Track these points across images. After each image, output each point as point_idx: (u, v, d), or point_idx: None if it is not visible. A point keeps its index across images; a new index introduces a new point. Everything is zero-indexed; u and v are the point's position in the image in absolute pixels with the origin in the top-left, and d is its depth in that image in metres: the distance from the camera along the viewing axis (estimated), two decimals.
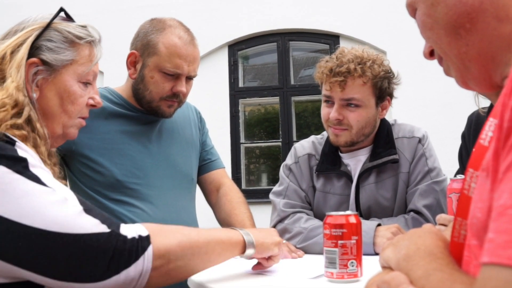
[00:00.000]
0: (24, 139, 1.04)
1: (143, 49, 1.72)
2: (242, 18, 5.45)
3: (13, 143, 0.99)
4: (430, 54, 0.76)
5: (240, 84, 5.64)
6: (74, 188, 1.74)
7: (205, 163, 1.98)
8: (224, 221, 1.88)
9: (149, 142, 1.79)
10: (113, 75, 5.37)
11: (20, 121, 1.05)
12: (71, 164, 1.72)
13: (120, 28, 5.50)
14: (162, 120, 1.84)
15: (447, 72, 0.73)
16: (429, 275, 0.58)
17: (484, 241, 0.46)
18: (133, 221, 1.67)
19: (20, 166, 0.95)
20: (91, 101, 1.24)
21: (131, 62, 1.76)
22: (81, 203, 0.99)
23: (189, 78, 1.76)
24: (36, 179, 0.95)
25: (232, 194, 1.91)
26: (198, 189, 2.00)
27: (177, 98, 1.74)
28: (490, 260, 0.44)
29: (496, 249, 0.43)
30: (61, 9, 1.21)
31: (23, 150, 1.00)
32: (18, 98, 1.07)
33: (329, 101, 1.77)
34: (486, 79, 0.67)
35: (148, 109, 1.77)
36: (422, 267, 0.60)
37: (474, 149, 0.63)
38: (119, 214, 1.67)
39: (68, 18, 1.23)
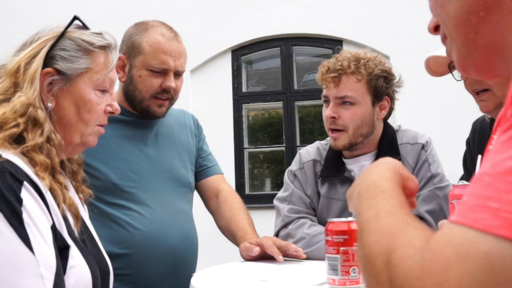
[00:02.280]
0: (37, 152, 1.03)
1: (129, 52, 1.76)
2: (245, 23, 5.45)
3: (20, 181, 0.96)
4: (435, 29, 0.73)
5: (244, 89, 5.64)
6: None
7: (202, 169, 1.98)
8: (225, 228, 1.87)
9: (145, 146, 1.80)
10: (118, 80, 5.39)
11: (41, 139, 1.05)
12: None
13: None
14: (158, 125, 1.86)
15: (449, 53, 0.70)
16: (380, 217, 0.57)
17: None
18: (131, 225, 1.68)
19: (16, 218, 0.92)
20: (109, 108, 1.23)
21: (120, 66, 1.79)
22: (55, 285, 0.94)
23: (178, 74, 1.78)
24: (26, 239, 0.92)
25: (231, 200, 1.90)
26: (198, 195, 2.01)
27: (168, 94, 1.76)
28: (457, 220, 0.46)
29: (465, 211, 0.46)
30: (75, 17, 1.20)
31: (28, 192, 0.97)
32: (35, 115, 1.06)
33: (327, 101, 1.79)
34: (489, 69, 0.65)
35: (139, 109, 1.79)
36: (372, 207, 0.60)
37: (484, 155, 0.62)
38: (116, 218, 1.68)
39: (83, 26, 1.22)
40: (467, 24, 0.62)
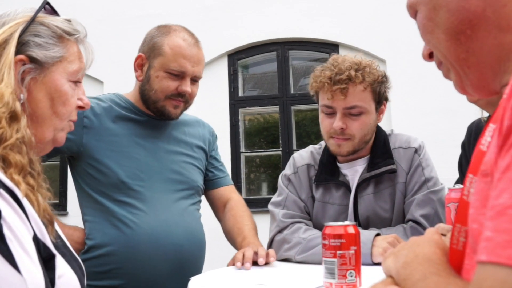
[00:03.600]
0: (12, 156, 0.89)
1: (149, 52, 1.79)
2: (241, 28, 5.46)
3: None
4: (429, 56, 0.75)
5: (240, 94, 5.64)
6: (78, 189, 1.78)
7: (215, 179, 2.01)
8: (227, 235, 1.92)
9: (156, 147, 1.82)
10: (113, 84, 5.38)
11: (18, 135, 0.92)
12: (77, 165, 1.75)
13: (120, 37, 5.52)
14: (170, 127, 1.88)
15: (447, 75, 0.72)
16: (426, 278, 0.60)
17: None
18: (135, 223, 1.70)
19: None
20: (79, 102, 1.14)
21: (138, 65, 1.82)
22: None
23: (195, 80, 1.82)
24: (10, 257, 0.79)
25: (236, 209, 1.93)
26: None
27: (182, 98, 1.79)
28: (489, 259, 0.43)
29: (495, 248, 0.43)
30: (45, 2, 1.10)
31: (5, 201, 0.84)
32: (15, 108, 0.94)
33: (331, 111, 1.74)
34: (484, 86, 0.66)
35: (154, 109, 1.81)
36: (420, 271, 0.62)
37: (473, 155, 0.62)
38: (120, 216, 1.70)
39: (53, 11, 1.12)
40: (457, 44, 0.64)
